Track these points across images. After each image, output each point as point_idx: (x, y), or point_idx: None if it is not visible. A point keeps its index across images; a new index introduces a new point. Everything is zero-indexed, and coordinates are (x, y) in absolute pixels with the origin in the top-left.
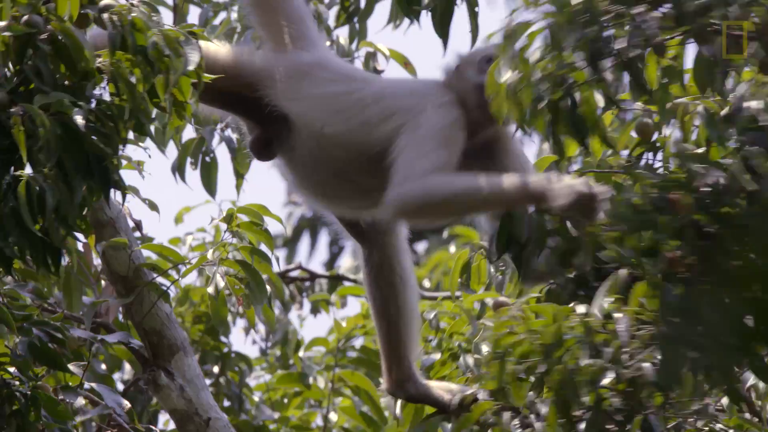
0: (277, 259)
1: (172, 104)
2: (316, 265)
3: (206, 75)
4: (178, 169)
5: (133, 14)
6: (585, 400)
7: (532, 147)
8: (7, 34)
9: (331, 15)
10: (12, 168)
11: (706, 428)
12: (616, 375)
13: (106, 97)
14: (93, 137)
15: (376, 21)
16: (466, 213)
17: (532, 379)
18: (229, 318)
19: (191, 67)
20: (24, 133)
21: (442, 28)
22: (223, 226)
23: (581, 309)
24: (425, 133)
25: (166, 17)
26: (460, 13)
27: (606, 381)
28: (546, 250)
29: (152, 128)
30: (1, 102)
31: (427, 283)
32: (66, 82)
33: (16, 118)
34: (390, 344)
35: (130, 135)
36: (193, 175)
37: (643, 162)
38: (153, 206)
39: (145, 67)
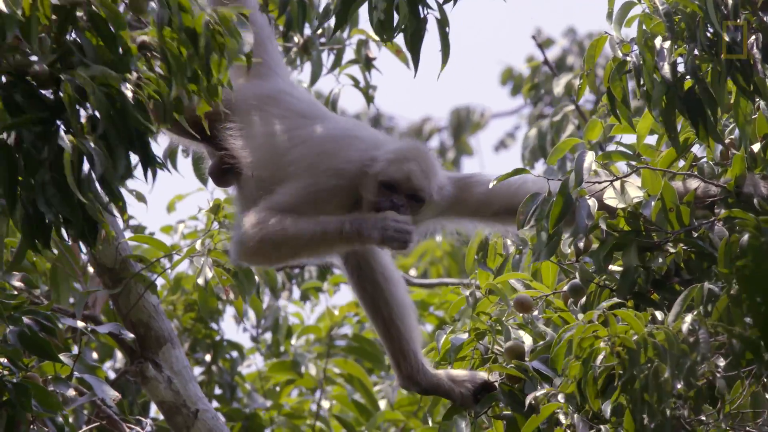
0: None
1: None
2: None
3: (256, 59)
4: (170, 156)
5: None
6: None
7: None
8: (53, 1)
9: (323, 3)
10: (49, 140)
11: None
12: (687, 385)
13: (149, 74)
14: (136, 112)
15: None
16: (299, 255)
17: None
18: (220, 305)
19: (247, 49)
20: (73, 101)
21: (413, 48)
22: (213, 214)
23: (659, 316)
24: (296, 187)
25: None
26: (432, 33)
27: (677, 388)
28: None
29: None
30: (41, 75)
31: (413, 272)
32: (106, 58)
33: (67, 85)
34: (391, 340)
35: None
36: (184, 163)
37: None
38: (140, 197)
39: (190, 47)
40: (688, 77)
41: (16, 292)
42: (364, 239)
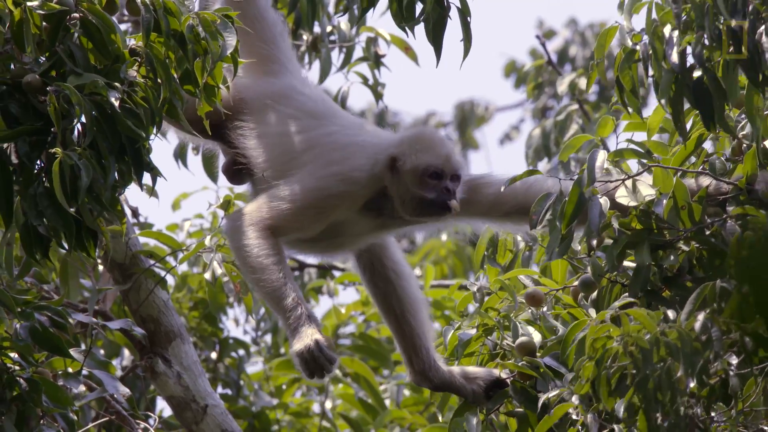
0: None
1: (203, 89)
2: None
3: (241, 60)
4: (180, 154)
5: None
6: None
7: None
8: (40, 12)
9: (331, 1)
10: (44, 150)
11: None
12: (699, 383)
13: (138, 81)
14: (126, 119)
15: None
16: (253, 285)
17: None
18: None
19: (229, 51)
20: (59, 113)
21: (435, 37)
22: (221, 212)
23: (671, 315)
24: (303, 189)
25: None
26: (454, 23)
27: (690, 387)
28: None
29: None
30: (33, 84)
31: (418, 272)
32: (97, 66)
33: (52, 96)
34: (403, 336)
35: None
36: (194, 160)
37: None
38: (151, 192)
39: (178, 51)
40: (697, 66)
41: (27, 287)
42: (292, 341)
